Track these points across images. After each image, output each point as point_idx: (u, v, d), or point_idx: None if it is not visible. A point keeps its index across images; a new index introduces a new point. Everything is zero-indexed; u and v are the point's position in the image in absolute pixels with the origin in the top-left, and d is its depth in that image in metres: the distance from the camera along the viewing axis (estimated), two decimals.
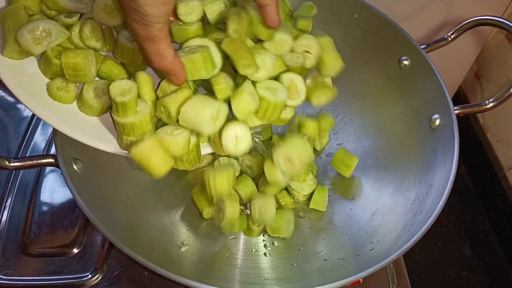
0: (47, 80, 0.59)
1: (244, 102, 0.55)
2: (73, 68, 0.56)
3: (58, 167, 0.62)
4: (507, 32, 0.97)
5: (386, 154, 0.86)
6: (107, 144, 0.60)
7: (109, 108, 0.59)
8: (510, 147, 1.35)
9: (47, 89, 0.58)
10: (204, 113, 0.54)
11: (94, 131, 0.60)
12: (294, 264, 0.72)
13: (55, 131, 0.64)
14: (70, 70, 0.56)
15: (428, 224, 0.61)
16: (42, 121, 0.97)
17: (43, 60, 0.57)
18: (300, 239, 0.75)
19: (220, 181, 0.63)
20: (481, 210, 1.50)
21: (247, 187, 0.76)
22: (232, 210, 0.63)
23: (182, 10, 0.57)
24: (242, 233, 0.76)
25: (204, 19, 0.61)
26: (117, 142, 0.60)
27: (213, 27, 0.62)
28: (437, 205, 0.63)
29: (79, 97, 0.59)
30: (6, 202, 0.83)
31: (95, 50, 0.60)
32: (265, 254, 0.74)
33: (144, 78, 0.57)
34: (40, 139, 0.94)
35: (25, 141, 0.93)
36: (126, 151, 0.59)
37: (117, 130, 0.58)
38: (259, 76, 0.58)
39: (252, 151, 0.85)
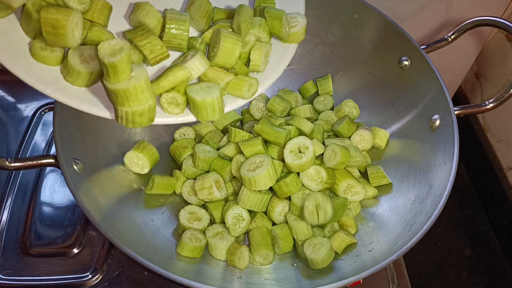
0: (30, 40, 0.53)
1: None
2: (52, 25, 0.49)
3: (58, 167, 0.62)
4: (507, 32, 0.96)
5: (386, 154, 0.86)
6: (104, 110, 0.55)
7: (99, 76, 0.54)
8: (510, 147, 1.35)
9: (30, 49, 0.53)
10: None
11: (87, 96, 0.55)
12: (294, 264, 0.72)
13: (54, 131, 0.64)
14: (48, 27, 0.49)
15: (428, 225, 0.61)
16: (42, 121, 0.97)
17: (24, 16, 0.52)
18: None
19: None
20: (481, 210, 1.50)
21: None
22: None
23: None
24: None
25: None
26: (114, 115, 0.55)
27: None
28: (437, 206, 0.64)
29: (64, 64, 0.53)
30: (6, 202, 0.83)
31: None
32: None
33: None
34: (40, 139, 0.94)
35: (25, 141, 0.93)
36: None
37: (111, 100, 0.53)
38: None
39: None
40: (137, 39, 0.56)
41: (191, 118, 0.60)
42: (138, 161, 0.78)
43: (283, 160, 0.75)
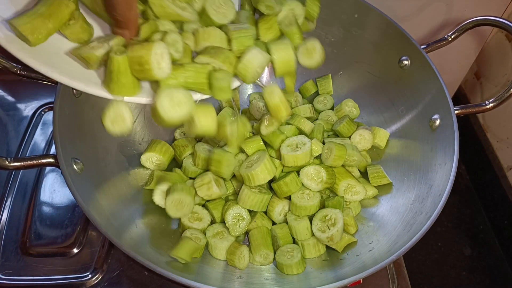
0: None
1: None
2: (138, 62, 0.51)
3: (58, 167, 0.62)
4: (507, 32, 0.96)
5: (386, 154, 0.86)
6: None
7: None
8: (510, 147, 1.35)
9: (103, 120, 0.54)
10: None
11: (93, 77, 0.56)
12: None
13: (54, 131, 0.64)
14: (136, 65, 0.51)
15: (428, 225, 0.61)
16: (42, 121, 0.97)
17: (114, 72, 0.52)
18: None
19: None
20: (481, 210, 1.50)
21: None
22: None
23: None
24: None
25: None
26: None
27: None
28: (437, 206, 0.63)
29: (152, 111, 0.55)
30: (6, 202, 0.83)
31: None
32: None
33: None
34: (40, 139, 0.94)
35: (25, 141, 0.93)
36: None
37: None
38: None
39: None
40: (216, 58, 0.57)
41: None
42: (156, 161, 0.81)
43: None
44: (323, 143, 0.80)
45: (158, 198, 0.73)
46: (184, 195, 0.69)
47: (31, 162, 0.63)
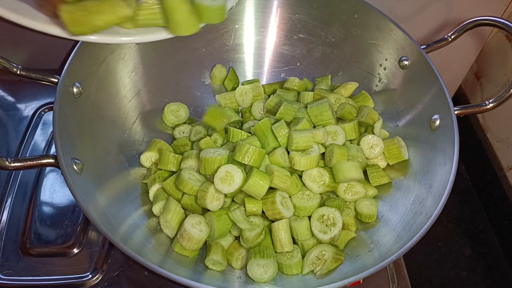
0: None
1: None
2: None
3: (58, 167, 0.62)
4: (507, 32, 0.96)
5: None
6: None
7: None
8: (510, 147, 1.35)
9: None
10: None
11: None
12: None
13: (54, 131, 0.64)
14: None
15: (428, 225, 0.61)
16: (42, 121, 0.97)
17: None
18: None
19: None
20: (481, 210, 1.49)
21: None
22: None
23: None
24: None
25: None
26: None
27: None
28: (437, 206, 0.63)
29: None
30: (6, 202, 0.83)
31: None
32: None
33: None
34: (40, 139, 0.94)
35: (25, 141, 0.93)
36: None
37: None
38: None
39: None
40: None
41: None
42: (156, 161, 0.81)
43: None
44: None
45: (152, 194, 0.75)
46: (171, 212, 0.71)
47: (31, 162, 0.63)
